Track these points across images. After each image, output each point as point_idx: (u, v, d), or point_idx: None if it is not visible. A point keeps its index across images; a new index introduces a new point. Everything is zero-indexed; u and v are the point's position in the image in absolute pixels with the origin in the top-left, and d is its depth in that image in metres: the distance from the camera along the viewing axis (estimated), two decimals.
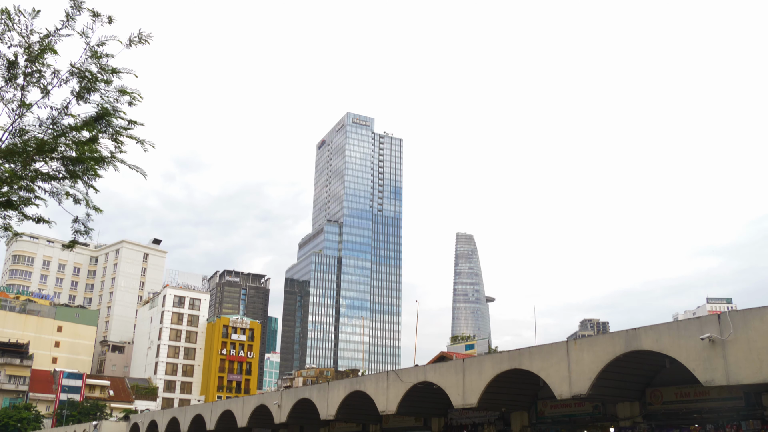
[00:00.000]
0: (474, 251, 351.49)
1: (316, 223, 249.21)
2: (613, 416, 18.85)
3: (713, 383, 13.96)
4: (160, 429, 41.28)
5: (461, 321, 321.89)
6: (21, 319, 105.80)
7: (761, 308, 13.48)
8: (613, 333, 16.39)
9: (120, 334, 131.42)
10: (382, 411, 22.85)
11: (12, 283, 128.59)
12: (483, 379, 18.94)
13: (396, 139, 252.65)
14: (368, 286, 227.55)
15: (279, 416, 28.74)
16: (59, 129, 10.39)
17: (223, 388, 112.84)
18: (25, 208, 11.05)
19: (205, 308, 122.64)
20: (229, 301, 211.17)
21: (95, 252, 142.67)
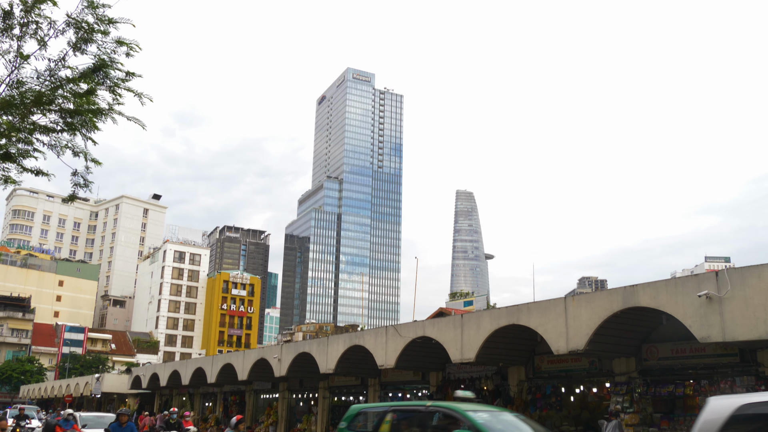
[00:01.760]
0: (474, 208, 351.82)
1: (316, 179, 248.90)
2: (609, 371, 19.06)
3: (709, 340, 14.08)
4: (162, 382, 41.81)
5: (460, 278, 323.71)
6: (22, 273, 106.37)
7: (759, 266, 13.53)
8: (611, 290, 16.47)
9: (121, 288, 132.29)
10: (380, 365, 23.10)
11: (12, 237, 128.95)
12: (481, 334, 19.10)
13: (396, 95, 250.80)
14: (368, 243, 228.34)
15: (279, 370, 29.07)
16: (57, 81, 10.29)
17: (224, 343, 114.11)
18: (23, 160, 11.02)
19: (205, 263, 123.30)
20: (229, 257, 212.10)
21: (95, 207, 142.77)
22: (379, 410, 12.52)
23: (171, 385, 41.84)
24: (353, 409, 13.25)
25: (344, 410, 31.06)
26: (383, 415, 11.70)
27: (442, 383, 24.37)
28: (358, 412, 13.02)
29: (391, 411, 11.74)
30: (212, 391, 41.01)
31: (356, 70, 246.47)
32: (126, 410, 16.35)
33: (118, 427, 15.58)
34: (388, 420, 11.45)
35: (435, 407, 10.93)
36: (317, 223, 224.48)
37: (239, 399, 38.32)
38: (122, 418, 15.97)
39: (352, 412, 13.07)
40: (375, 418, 12.13)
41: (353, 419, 12.74)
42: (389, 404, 13.55)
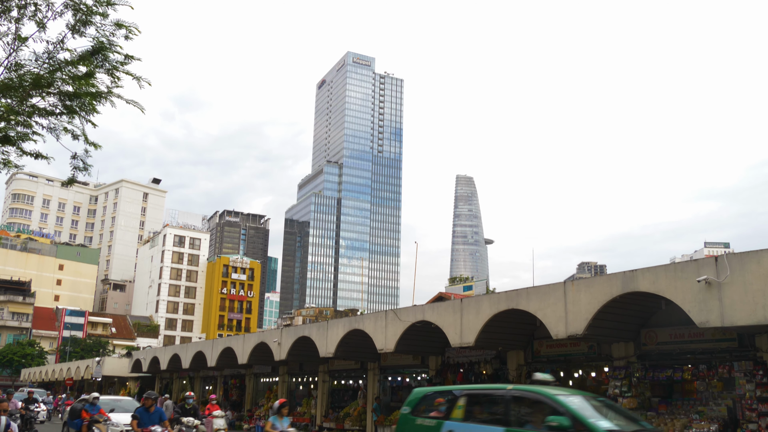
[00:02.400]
0: (474, 193, 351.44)
1: (316, 163, 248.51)
2: (607, 356, 19.11)
3: (708, 325, 14.10)
4: (162, 365, 41.93)
5: (460, 262, 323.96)
6: (22, 257, 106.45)
7: (758, 251, 13.52)
8: (610, 274, 16.48)
9: (121, 272, 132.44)
10: (380, 349, 23.16)
11: (12, 221, 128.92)
12: (480, 318, 19.13)
13: (397, 80, 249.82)
14: (368, 227, 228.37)
15: (279, 354, 29.14)
16: (55, 63, 10.23)
17: (224, 327, 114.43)
18: (23, 143, 10.98)
19: (205, 248, 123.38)
20: (229, 241, 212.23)
21: (95, 191, 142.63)
22: (449, 394, 11.52)
23: (171, 368, 42.00)
24: (417, 392, 12.17)
25: (343, 394, 31.35)
26: (455, 399, 10.83)
27: (442, 367, 24.45)
28: (424, 396, 11.95)
29: (464, 394, 10.87)
30: (212, 374, 41.18)
31: (356, 54, 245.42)
32: (153, 393, 14.74)
33: (144, 412, 14.17)
34: (462, 404, 10.57)
35: (519, 391, 10.18)
36: (317, 207, 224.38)
37: (239, 382, 38.48)
38: (146, 402, 14.50)
39: (416, 395, 12.02)
40: (445, 402, 11.21)
41: (418, 403, 11.68)
42: (461, 387, 12.39)
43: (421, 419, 11.18)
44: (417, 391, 12.26)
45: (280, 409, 13.43)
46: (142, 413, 14.05)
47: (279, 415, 13.38)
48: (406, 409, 11.78)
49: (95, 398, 19.49)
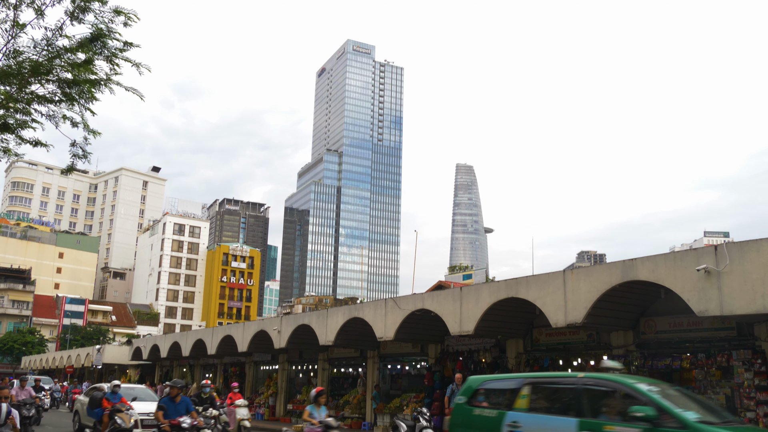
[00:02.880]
0: (473, 182, 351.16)
1: (316, 152, 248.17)
2: (606, 345, 19.16)
3: (707, 313, 14.12)
4: (162, 353, 42.04)
5: (459, 251, 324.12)
6: (22, 245, 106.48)
7: (758, 240, 13.53)
8: (609, 263, 16.49)
9: (121, 260, 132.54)
10: (380, 337, 23.20)
11: (12, 209, 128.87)
12: (480, 307, 19.16)
13: (397, 68, 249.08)
14: (367, 216, 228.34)
15: (279, 341, 29.21)
16: (54, 50, 10.19)
17: (224, 315, 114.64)
18: (22, 131, 10.95)
19: (205, 236, 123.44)
20: (228, 230, 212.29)
21: (94, 179, 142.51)
22: (510, 382, 10.79)
23: (171, 356, 42.11)
24: (474, 381, 11.32)
25: (343, 382, 31.44)
26: (518, 389, 10.06)
27: (441, 355, 24.52)
28: (481, 384, 11.13)
29: (528, 383, 10.08)
30: (212, 362, 41.29)
31: (356, 42, 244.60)
32: (179, 381, 13.53)
33: (170, 402, 12.98)
34: (526, 394, 9.85)
35: (592, 379, 9.35)
36: (317, 196, 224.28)
37: (239, 370, 38.59)
38: (172, 391, 13.26)
39: (472, 384, 11.18)
40: (506, 392, 10.50)
41: (474, 394, 10.88)
42: (523, 375, 11.49)
43: (480, 409, 10.52)
44: (473, 379, 11.44)
45: (318, 398, 12.93)
46: (167, 403, 12.94)
47: (316, 404, 12.89)
48: (461, 399, 11.03)
49: (116, 386, 18.63)
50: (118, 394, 18.01)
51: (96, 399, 17.99)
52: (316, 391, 13.10)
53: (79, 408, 23.27)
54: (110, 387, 18.72)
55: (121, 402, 17.47)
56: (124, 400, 17.81)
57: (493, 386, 11.05)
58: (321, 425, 12.44)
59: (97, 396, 18.15)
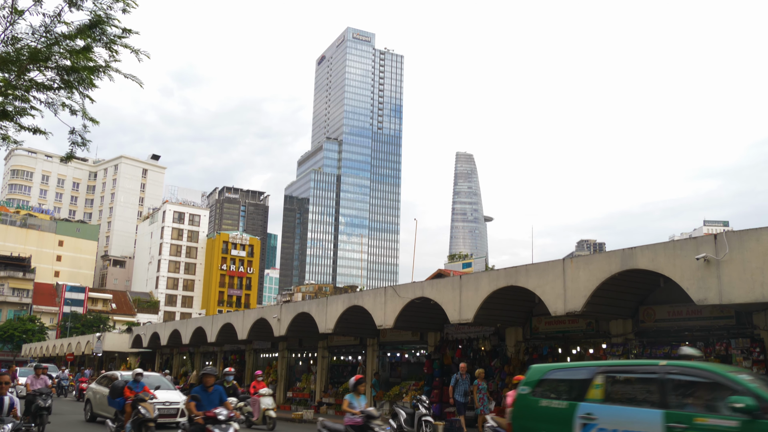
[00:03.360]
0: (473, 170, 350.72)
1: (316, 140, 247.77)
2: (605, 333, 19.21)
3: (706, 302, 14.15)
4: (162, 341, 42.13)
5: (459, 240, 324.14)
6: (22, 233, 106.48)
7: (758, 229, 13.53)
8: (609, 252, 16.51)
9: (121, 248, 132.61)
10: (379, 325, 23.25)
11: (12, 197, 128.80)
12: (479, 295, 19.19)
13: (397, 56, 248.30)
14: (367, 204, 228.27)
15: (278, 329, 29.27)
16: (52, 37, 10.14)
17: (224, 303, 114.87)
18: (20, 118, 10.92)
19: (204, 224, 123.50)
20: (228, 218, 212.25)
21: (94, 167, 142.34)
22: (580, 372, 10.01)
23: (171, 344, 42.22)
24: (538, 370, 10.52)
25: (342, 369, 31.53)
26: (590, 378, 9.31)
27: (440, 343, 24.58)
28: (547, 373, 10.37)
29: (602, 372, 9.31)
30: (212, 350, 41.39)
31: (356, 30, 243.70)
32: (213, 369, 11.94)
33: (202, 391, 11.44)
34: (600, 384, 9.11)
35: (678, 367, 8.61)
36: (317, 184, 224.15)
37: (239, 358, 38.69)
38: (206, 380, 11.60)
39: (536, 374, 10.39)
40: (576, 382, 9.73)
41: (538, 384, 10.13)
42: (595, 364, 10.64)
43: (547, 400, 9.78)
44: (535, 368, 10.62)
45: (357, 386, 12.34)
46: (201, 393, 11.40)
47: (356, 392, 12.30)
48: (524, 389, 10.30)
49: (138, 375, 17.62)
50: (141, 382, 17.24)
51: (117, 388, 17.14)
52: (355, 379, 12.50)
53: (91, 397, 22.74)
54: (132, 375, 17.86)
55: (144, 391, 16.73)
56: (147, 389, 17.04)
57: (560, 376, 10.36)
58: (362, 415, 11.86)
59: (119, 384, 17.30)
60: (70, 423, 22.07)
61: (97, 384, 23.18)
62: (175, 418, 19.74)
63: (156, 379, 22.26)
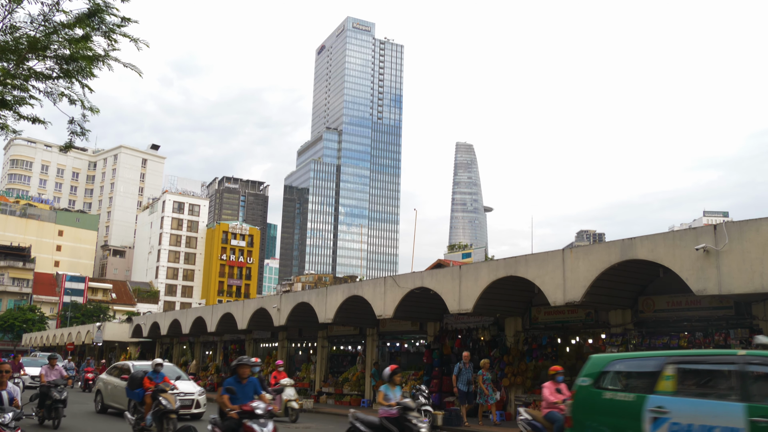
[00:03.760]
0: (473, 161, 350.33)
1: (315, 130, 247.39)
2: (605, 323, 19.24)
3: (705, 292, 14.17)
4: (162, 331, 42.21)
5: (459, 230, 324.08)
6: (22, 223, 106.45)
7: (757, 220, 13.54)
8: (609, 242, 16.52)
9: (120, 238, 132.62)
10: (379, 315, 23.28)
11: (11, 187, 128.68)
12: (479, 285, 19.22)
13: (397, 46, 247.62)
14: (367, 194, 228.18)
15: (278, 319, 29.31)
16: (51, 26, 10.11)
17: (224, 293, 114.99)
18: (19, 108, 10.90)
19: (204, 214, 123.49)
20: (228, 208, 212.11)
21: (93, 157, 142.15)
22: (647, 362, 9.32)
23: (171, 333, 42.30)
24: (600, 360, 9.74)
25: (342, 359, 31.62)
26: (659, 369, 8.66)
27: (440, 333, 24.62)
28: (609, 364, 9.56)
29: (672, 363, 8.65)
30: (212, 340, 41.47)
31: (356, 20, 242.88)
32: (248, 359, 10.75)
33: (235, 382, 10.24)
34: (670, 375, 8.48)
35: (758, 357, 7.93)
36: (316, 174, 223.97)
37: (239, 348, 38.77)
38: (242, 371, 10.37)
39: (598, 364, 9.61)
40: (643, 373, 9.09)
41: (600, 375, 9.38)
42: (664, 353, 9.87)
43: (612, 393, 9.10)
44: (597, 358, 9.85)
45: (392, 377, 11.73)
46: (235, 385, 10.21)
47: (391, 383, 11.70)
48: (585, 381, 9.56)
49: (158, 365, 16.79)
50: (161, 372, 16.53)
51: (136, 378, 16.44)
52: (390, 369, 11.85)
53: (102, 387, 22.20)
54: (152, 365, 17.01)
55: (165, 381, 16.03)
56: (167, 380, 16.34)
57: (625, 367, 9.62)
58: (398, 407, 11.25)
59: (138, 375, 16.58)
60: (81, 414, 21.23)
61: (108, 374, 22.69)
62: (190, 410, 19.45)
63: (171, 369, 21.59)
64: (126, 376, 19.54)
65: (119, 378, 20.74)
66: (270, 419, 9.92)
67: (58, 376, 17.65)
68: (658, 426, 8.20)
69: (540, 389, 20.13)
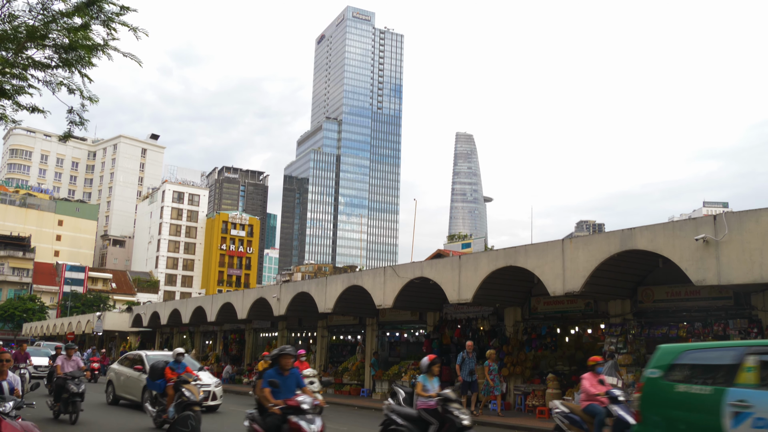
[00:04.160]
0: (473, 151, 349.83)
1: (315, 120, 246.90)
2: (604, 313, 19.28)
3: (705, 283, 14.19)
4: (162, 320, 42.28)
5: (459, 220, 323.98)
6: (21, 212, 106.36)
7: (757, 210, 13.54)
8: (608, 232, 16.53)
9: (120, 228, 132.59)
10: (378, 305, 23.31)
11: (11, 177, 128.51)
12: (478, 275, 19.23)
13: (397, 35, 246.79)
14: (367, 184, 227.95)
15: (278, 309, 29.35)
16: (50, 15, 10.06)
17: (223, 282, 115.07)
18: (18, 97, 10.87)
19: (204, 204, 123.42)
20: (228, 198, 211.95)
21: (93, 146, 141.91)
22: (725, 353, 8.53)
23: (171, 323, 42.37)
24: (669, 352, 8.99)
25: (342, 349, 31.69)
26: (738, 360, 7.98)
27: (439, 323, 24.66)
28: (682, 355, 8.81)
29: (754, 353, 7.91)
30: (212, 329, 41.56)
31: (356, 9, 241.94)
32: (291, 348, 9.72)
33: (277, 374, 9.27)
34: (753, 366, 7.79)
35: None
36: (316, 164, 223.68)
37: (239, 337, 38.85)
38: (285, 362, 9.38)
39: (668, 355, 8.91)
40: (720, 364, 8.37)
41: (671, 367, 8.70)
42: (743, 343, 9.04)
43: (685, 385, 8.43)
44: (666, 349, 9.09)
45: (431, 367, 11.12)
46: (278, 377, 9.23)
47: (429, 374, 11.09)
48: (654, 373, 8.87)
49: (180, 355, 15.99)
50: (183, 363, 15.73)
51: (158, 369, 15.67)
52: (429, 359, 11.25)
53: (114, 378, 21.54)
54: (173, 355, 16.24)
55: (187, 372, 15.31)
56: (190, 370, 15.62)
57: (699, 358, 8.84)
58: (438, 398, 10.61)
59: (158, 366, 15.77)
60: (93, 406, 20.02)
61: (119, 365, 21.93)
62: (206, 402, 18.66)
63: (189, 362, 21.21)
64: (139, 367, 19.36)
65: (132, 368, 20.21)
66: (318, 415, 9.00)
67: (75, 367, 16.74)
68: (740, 421, 7.56)
69: (539, 379, 20.30)
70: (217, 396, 19.45)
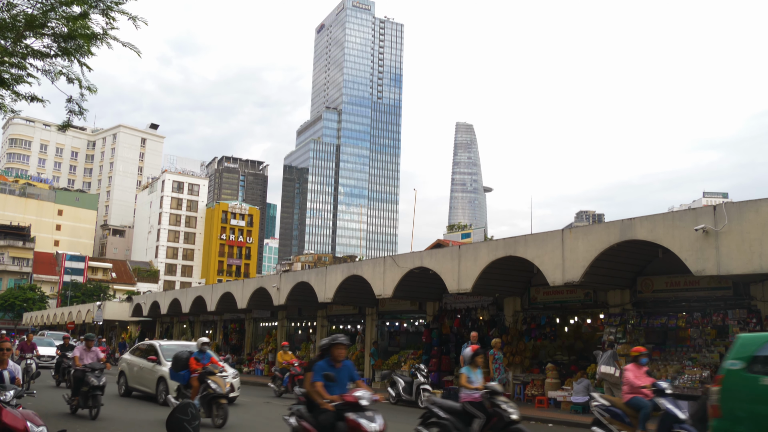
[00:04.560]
0: (473, 141, 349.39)
1: (315, 109, 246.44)
2: (603, 303, 19.30)
3: (704, 273, 14.21)
4: (163, 310, 42.35)
5: (458, 210, 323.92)
6: (21, 202, 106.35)
7: (757, 200, 13.54)
8: (608, 222, 16.54)
9: (120, 218, 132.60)
10: (378, 295, 23.34)
11: (10, 166, 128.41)
12: (478, 265, 19.25)
13: (397, 24, 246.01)
14: (367, 174, 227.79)
15: (278, 299, 29.40)
16: (48, 3, 10.03)
17: (223, 272, 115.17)
18: (17, 86, 10.84)
19: (204, 194, 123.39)
20: (227, 187, 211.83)
21: (93, 136, 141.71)
22: None
23: (171, 313, 42.44)
24: (752, 340, 8.19)
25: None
26: None
27: (439, 313, 24.70)
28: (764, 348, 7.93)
29: None
30: (212, 319, 41.62)
31: None
32: (344, 338, 8.47)
33: (328, 366, 8.23)
34: None
35: None
36: (316, 154, 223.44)
37: (239, 327, 38.92)
38: (338, 352, 8.29)
39: (751, 346, 8.05)
40: None
41: (755, 358, 7.88)
42: None
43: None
44: (748, 339, 8.24)
45: (474, 358, 10.64)
46: (323, 369, 8.20)
47: (473, 365, 10.62)
48: (735, 364, 8.02)
49: (204, 344, 15.32)
50: (207, 353, 15.08)
51: (181, 359, 14.92)
52: (472, 350, 10.68)
53: (126, 369, 21.01)
54: (198, 345, 15.55)
55: (212, 362, 14.77)
56: (215, 360, 15.07)
57: None
58: (484, 391, 10.13)
59: (182, 356, 15.01)
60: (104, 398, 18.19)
61: (131, 355, 21.44)
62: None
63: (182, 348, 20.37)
64: (153, 357, 18.99)
65: (145, 359, 19.60)
66: (378, 412, 8.11)
67: (94, 359, 15.95)
68: None
69: (538, 368, 20.36)
70: (235, 387, 18.87)
